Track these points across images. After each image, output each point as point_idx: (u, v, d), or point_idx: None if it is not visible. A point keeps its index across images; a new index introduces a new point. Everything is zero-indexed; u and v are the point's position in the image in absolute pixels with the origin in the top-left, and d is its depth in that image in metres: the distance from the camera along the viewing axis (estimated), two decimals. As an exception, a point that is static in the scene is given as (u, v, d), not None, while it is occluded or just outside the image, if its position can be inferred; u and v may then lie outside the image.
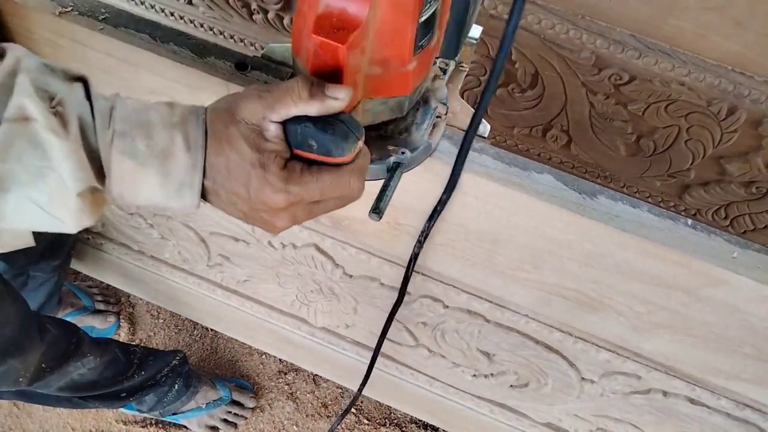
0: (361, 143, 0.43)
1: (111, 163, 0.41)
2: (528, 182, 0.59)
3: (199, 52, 0.64)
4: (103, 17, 0.66)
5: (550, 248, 0.63)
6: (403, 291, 0.71)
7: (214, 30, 1.08)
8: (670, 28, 0.80)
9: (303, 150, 0.43)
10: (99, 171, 0.42)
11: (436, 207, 0.58)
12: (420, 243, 0.62)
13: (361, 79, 0.46)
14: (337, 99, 0.41)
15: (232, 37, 1.08)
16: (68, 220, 0.42)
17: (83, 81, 0.42)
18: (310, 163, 0.43)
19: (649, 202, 0.65)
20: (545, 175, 0.60)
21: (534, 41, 0.89)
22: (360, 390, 0.87)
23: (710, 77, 0.83)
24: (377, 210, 0.49)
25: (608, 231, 0.58)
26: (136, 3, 1.08)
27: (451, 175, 0.55)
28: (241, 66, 0.63)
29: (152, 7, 1.08)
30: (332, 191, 0.43)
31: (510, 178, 0.59)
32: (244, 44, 1.08)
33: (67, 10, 0.66)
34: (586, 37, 0.85)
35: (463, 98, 1.06)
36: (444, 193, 0.55)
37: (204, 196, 0.44)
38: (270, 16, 0.99)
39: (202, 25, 1.08)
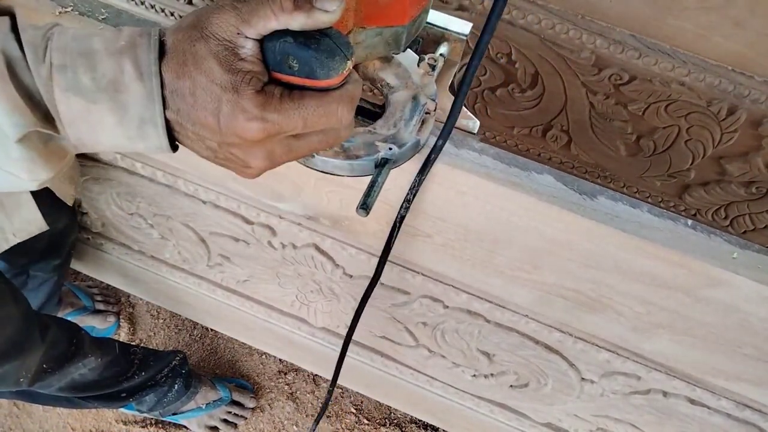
0: (350, 64, 0.37)
1: (56, 103, 0.35)
2: (528, 182, 0.59)
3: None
4: (103, 17, 0.66)
5: (550, 248, 0.63)
6: (382, 264, 0.67)
7: (214, 30, 1.08)
8: (670, 28, 0.80)
9: (283, 72, 0.36)
10: (45, 114, 0.36)
11: (429, 156, 0.56)
12: (408, 202, 0.59)
13: (354, 3, 0.42)
14: (326, 11, 0.35)
15: (232, 37, 1.08)
16: (19, 173, 0.37)
17: (10, 14, 0.36)
18: (291, 89, 0.37)
19: (649, 202, 0.65)
20: (545, 176, 0.60)
21: (534, 41, 0.89)
22: (335, 377, 0.84)
23: (710, 77, 0.83)
24: (365, 206, 0.48)
25: (608, 231, 0.58)
26: (136, 3, 1.08)
27: (428, 156, 0.54)
28: None
29: (152, 7, 1.08)
30: (316, 122, 0.37)
31: (510, 178, 0.59)
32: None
33: (66, 10, 0.66)
34: (586, 37, 0.85)
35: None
36: (439, 138, 0.53)
37: (172, 133, 0.38)
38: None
39: (202, 25, 1.08)
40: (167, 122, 0.37)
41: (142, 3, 0.89)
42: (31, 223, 0.82)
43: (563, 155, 1.07)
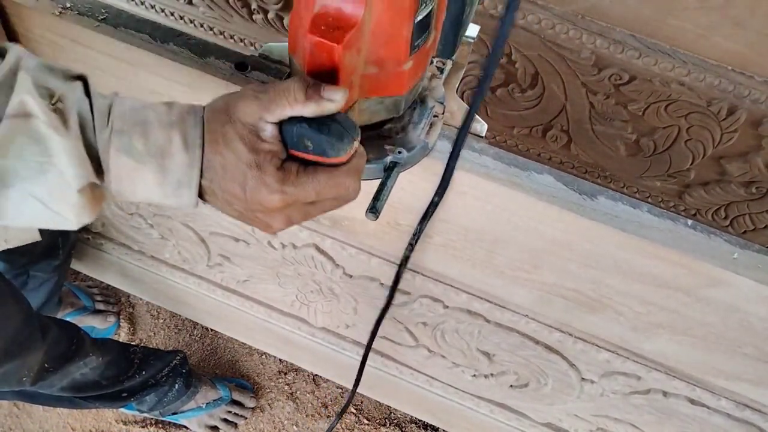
0: (356, 143, 0.43)
1: (109, 160, 0.42)
2: (528, 182, 0.59)
3: (199, 52, 0.64)
4: (102, 17, 0.66)
5: (550, 248, 0.63)
6: (392, 294, 0.70)
7: (214, 30, 1.08)
8: (670, 28, 0.80)
9: (299, 150, 0.42)
10: (98, 168, 0.42)
11: (428, 209, 0.58)
12: (411, 246, 0.62)
13: (357, 79, 0.46)
14: (332, 101, 0.41)
15: (232, 37, 1.08)
16: (69, 216, 0.42)
17: (83, 79, 0.42)
18: (306, 164, 0.43)
19: (649, 202, 0.65)
20: (545, 176, 0.60)
21: (534, 41, 0.89)
22: (355, 387, 0.86)
23: (710, 77, 0.83)
24: (374, 210, 0.49)
25: (608, 231, 0.58)
26: (136, 3, 1.08)
27: (443, 176, 0.55)
28: (241, 66, 0.63)
29: (152, 7, 1.08)
30: (328, 192, 0.43)
31: (510, 178, 0.59)
32: (244, 44, 1.08)
33: (67, 6, 0.66)
34: (586, 37, 0.85)
35: (463, 99, 1.06)
36: (435, 194, 0.55)
37: (201, 195, 0.44)
38: (270, 16, 0.99)
39: (202, 25, 1.08)
40: (200, 187, 0.44)
41: (142, 3, 0.89)
42: (26, 232, 0.83)
43: (563, 155, 1.06)
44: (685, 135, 0.93)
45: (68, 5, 0.66)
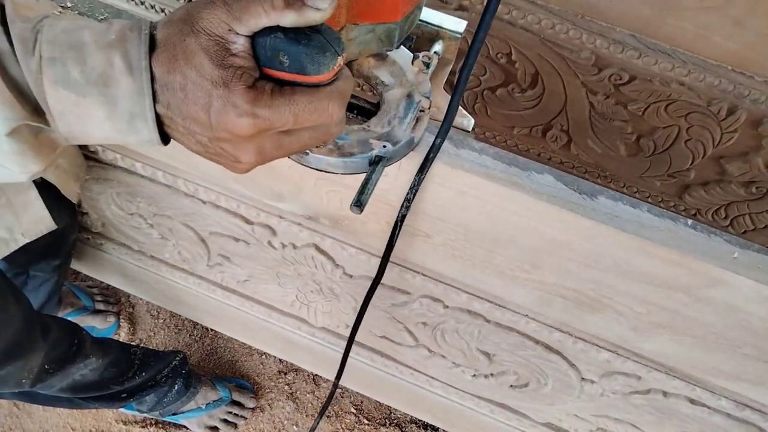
0: (341, 60, 0.37)
1: (45, 95, 0.35)
2: (528, 182, 0.59)
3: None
4: (103, 17, 0.66)
5: (550, 248, 0.63)
6: (383, 266, 0.68)
7: (214, 30, 1.08)
8: (670, 28, 0.80)
9: (273, 67, 0.36)
10: (35, 107, 0.36)
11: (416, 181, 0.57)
12: (407, 201, 0.59)
13: (346, 0, 0.42)
14: (317, 9, 0.35)
15: (232, 37, 1.08)
16: (11, 166, 0.37)
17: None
18: (282, 85, 0.37)
19: (649, 202, 0.65)
20: (545, 175, 0.60)
21: (534, 41, 0.89)
22: (338, 377, 0.85)
23: (710, 77, 0.83)
24: (359, 203, 0.48)
25: (608, 231, 0.58)
26: (136, 3, 1.08)
27: (427, 157, 0.54)
28: None
29: (152, 7, 1.08)
30: (307, 117, 0.37)
31: (510, 178, 0.59)
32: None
33: (67, 5, 0.66)
34: (586, 37, 0.85)
35: (463, 99, 1.06)
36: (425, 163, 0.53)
37: (162, 127, 0.38)
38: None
39: (202, 25, 1.08)
40: (158, 116, 0.37)
41: (142, 3, 0.89)
42: (39, 222, 0.82)
43: (563, 155, 1.07)
44: (685, 135, 0.93)
45: (69, 5, 0.66)
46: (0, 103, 0.34)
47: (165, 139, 0.40)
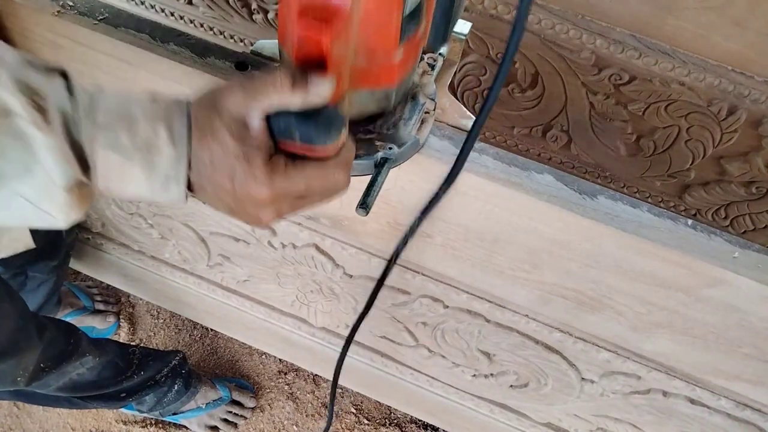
0: (344, 135, 0.43)
1: (95, 156, 0.41)
2: (528, 182, 0.59)
3: (199, 52, 0.64)
4: (102, 17, 0.66)
5: (550, 248, 0.63)
6: (380, 284, 0.69)
7: (214, 30, 1.08)
8: (670, 28, 0.80)
9: (286, 141, 0.42)
10: (84, 165, 0.41)
11: (425, 208, 0.57)
12: (405, 240, 0.60)
13: (347, 70, 0.46)
14: (320, 90, 0.41)
15: (232, 37, 1.08)
16: (57, 215, 0.41)
17: (63, 74, 0.41)
18: (294, 158, 0.43)
19: (649, 202, 0.65)
20: (545, 175, 0.60)
21: (534, 41, 0.89)
22: (335, 378, 0.85)
23: (710, 77, 0.83)
24: (364, 205, 0.49)
25: (608, 231, 0.58)
26: (135, 3, 1.08)
27: (447, 177, 0.55)
28: (241, 66, 0.63)
29: (152, 7, 1.08)
30: (317, 185, 0.43)
31: (510, 178, 0.59)
32: (244, 44, 1.08)
33: (68, 4, 0.66)
34: (586, 37, 0.85)
35: (462, 99, 1.06)
36: (440, 188, 0.54)
37: (191, 189, 0.44)
38: (270, 16, 0.99)
39: (202, 25, 1.08)
40: (189, 181, 0.43)
41: (142, 3, 0.89)
42: (18, 240, 0.84)
43: (563, 155, 1.06)
44: (685, 135, 0.93)
45: (70, 4, 0.66)
46: (64, 161, 0.39)
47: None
